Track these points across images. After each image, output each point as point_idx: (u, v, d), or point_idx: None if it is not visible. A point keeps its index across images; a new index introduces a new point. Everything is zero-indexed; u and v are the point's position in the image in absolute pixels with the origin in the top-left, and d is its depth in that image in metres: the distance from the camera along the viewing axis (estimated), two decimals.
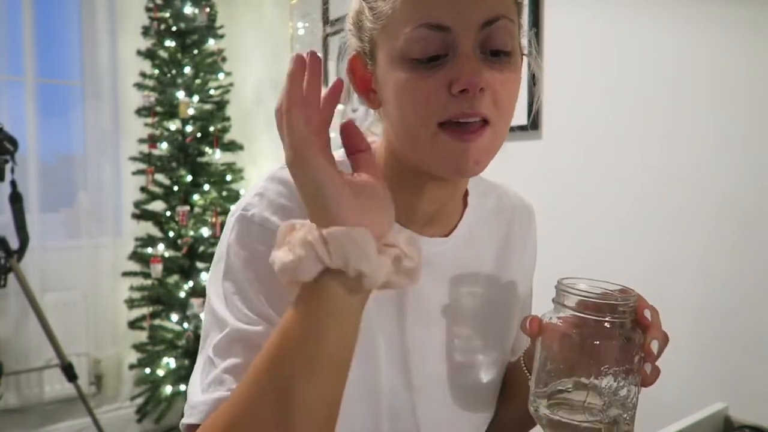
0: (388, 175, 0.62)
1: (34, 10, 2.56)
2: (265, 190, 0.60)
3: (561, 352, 0.50)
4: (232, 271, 0.57)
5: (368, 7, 0.58)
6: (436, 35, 0.52)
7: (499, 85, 0.53)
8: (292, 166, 0.50)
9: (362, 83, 0.62)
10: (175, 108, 2.48)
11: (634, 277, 1.39)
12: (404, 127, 0.57)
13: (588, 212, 1.51)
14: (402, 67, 0.54)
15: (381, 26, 0.56)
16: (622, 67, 1.42)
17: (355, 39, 0.61)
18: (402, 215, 0.63)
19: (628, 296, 0.50)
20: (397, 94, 0.55)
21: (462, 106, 0.52)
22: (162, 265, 2.44)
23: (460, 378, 0.68)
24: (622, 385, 0.49)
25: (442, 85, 0.52)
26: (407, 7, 0.53)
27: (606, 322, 0.49)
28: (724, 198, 1.24)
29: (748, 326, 1.21)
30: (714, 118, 1.26)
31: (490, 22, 0.52)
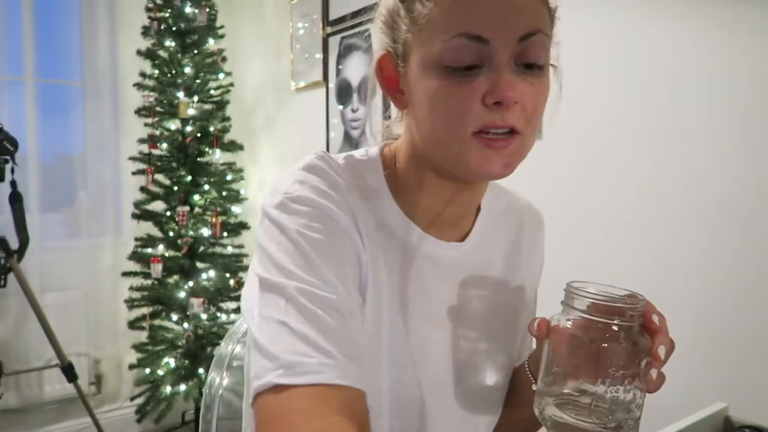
0: (409, 176, 0.64)
1: (34, 10, 2.56)
2: (305, 178, 0.59)
3: (568, 354, 0.50)
4: (283, 246, 0.55)
5: (405, 9, 0.57)
6: (474, 46, 0.52)
7: (530, 97, 0.55)
8: None
9: (390, 83, 0.62)
10: (175, 108, 2.48)
11: (634, 277, 1.39)
12: (435, 132, 0.57)
13: (588, 212, 1.51)
14: (436, 73, 0.54)
15: (417, 30, 0.56)
16: (622, 67, 1.42)
17: (386, 38, 0.61)
18: (420, 217, 0.64)
19: (637, 301, 0.50)
20: (430, 100, 0.55)
21: (494, 117, 0.53)
22: (162, 265, 2.43)
23: (467, 380, 0.68)
24: (628, 389, 0.49)
25: (476, 95, 0.53)
26: (447, 15, 0.54)
27: (614, 326, 0.49)
28: (724, 198, 1.24)
29: (748, 326, 1.21)
30: (714, 118, 1.26)
31: (527, 36, 0.53)
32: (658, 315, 0.52)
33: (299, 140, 2.67)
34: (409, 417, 0.64)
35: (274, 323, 0.50)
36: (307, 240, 0.54)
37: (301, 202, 0.56)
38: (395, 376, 0.62)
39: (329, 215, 0.56)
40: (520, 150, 0.57)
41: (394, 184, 0.64)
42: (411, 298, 0.63)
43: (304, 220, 0.55)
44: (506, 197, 0.76)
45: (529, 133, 0.57)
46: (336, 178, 0.60)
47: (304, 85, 2.56)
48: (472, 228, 0.69)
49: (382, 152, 0.67)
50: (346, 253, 0.57)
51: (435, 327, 0.65)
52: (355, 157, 0.65)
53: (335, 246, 0.56)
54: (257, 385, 0.47)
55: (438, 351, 0.66)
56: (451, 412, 0.67)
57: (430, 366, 0.65)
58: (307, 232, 0.55)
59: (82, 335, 2.67)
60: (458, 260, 0.66)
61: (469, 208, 0.68)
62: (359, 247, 0.59)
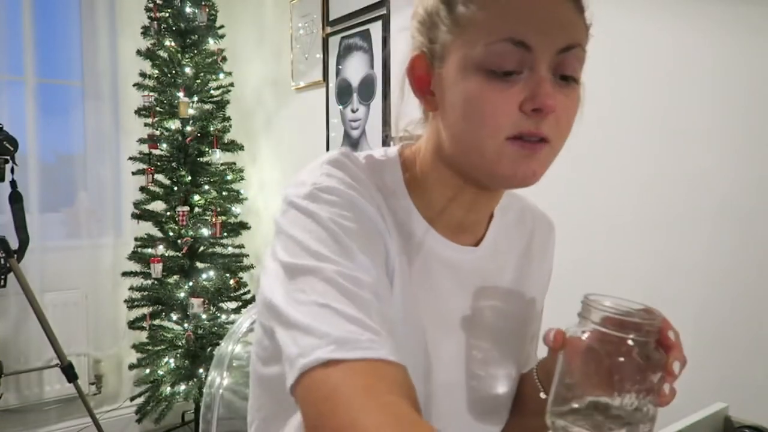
0: (430, 178, 0.64)
1: (34, 10, 2.56)
2: (331, 172, 0.59)
3: (582, 367, 0.50)
4: (313, 229, 0.54)
5: (446, 10, 0.57)
6: (517, 51, 0.53)
7: (564, 109, 0.56)
8: None
9: (421, 84, 0.61)
10: (175, 108, 2.48)
11: (634, 277, 1.39)
12: (468, 135, 0.57)
13: (588, 212, 1.51)
14: (475, 76, 0.54)
15: (459, 32, 0.56)
16: (622, 66, 1.42)
17: (422, 38, 0.60)
18: (437, 220, 0.64)
19: (653, 316, 0.51)
20: (467, 102, 0.55)
21: (529, 124, 0.54)
22: (162, 265, 2.43)
23: (475, 388, 0.67)
24: (642, 403, 0.49)
25: (515, 101, 0.54)
26: (493, 19, 0.54)
27: (630, 340, 0.49)
28: (724, 198, 1.24)
29: (748, 326, 1.21)
30: (714, 118, 1.26)
31: (567, 48, 0.54)
32: (673, 331, 0.52)
33: (299, 140, 2.67)
34: None
35: (315, 306, 0.48)
36: (341, 227, 0.54)
37: (331, 192, 0.56)
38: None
39: (359, 206, 0.57)
40: (548, 159, 0.58)
41: (412, 185, 0.64)
42: (424, 300, 0.63)
43: (336, 209, 0.55)
44: (518, 204, 0.76)
45: (558, 145, 0.58)
46: (360, 174, 0.60)
47: (304, 85, 2.56)
48: (485, 233, 0.69)
49: (402, 153, 0.67)
50: (377, 242, 0.58)
51: (446, 330, 0.65)
52: (375, 157, 0.65)
53: (367, 234, 0.56)
54: (304, 363, 0.44)
55: (448, 356, 0.65)
56: (459, 418, 0.66)
57: (440, 371, 0.65)
58: (340, 220, 0.54)
59: (82, 335, 2.67)
60: (472, 265, 0.67)
61: (485, 215, 0.68)
62: (387, 238, 0.59)
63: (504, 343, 0.70)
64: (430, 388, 0.64)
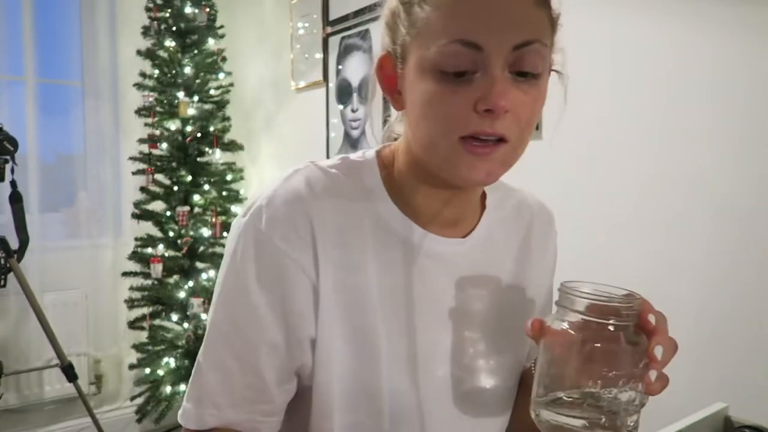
0: (406, 177, 0.64)
1: (34, 10, 2.56)
2: (273, 195, 0.61)
3: (563, 356, 0.50)
4: (229, 278, 0.61)
5: (404, 11, 0.58)
6: (468, 52, 0.52)
7: (523, 106, 0.55)
8: None
9: (389, 83, 0.62)
10: (175, 108, 2.48)
11: (634, 276, 1.39)
12: (426, 135, 0.57)
13: (588, 212, 1.51)
14: (431, 77, 0.54)
15: (415, 33, 0.56)
16: (622, 66, 1.42)
17: (388, 39, 0.61)
18: (420, 217, 0.64)
19: (631, 300, 0.50)
20: (423, 103, 0.56)
21: (483, 124, 0.53)
22: (162, 265, 2.43)
23: (469, 382, 0.67)
24: (624, 390, 0.48)
25: (468, 101, 0.53)
26: (444, 20, 0.54)
27: (609, 326, 0.48)
28: (724, 198, 1.24)
29: (748, 326, 1.21)
30: (714, 118, 1.26)
31: (522, 45, 0.53)
32: (655, 314, 0.51)
33: (299, 140, 2.67)
34: (409, 418, 0.63)
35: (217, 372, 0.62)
36: (247, 291, 0.59)
37: (257, 236, 0.59)
38: (394, 376, 0.62)
39: (277, 255, 0.59)
40: (507, 159, 0.57)
41: (391, 184, 0.64)
42: (417, 297, 0.63)
43: (254, 257, 0.59)
44: (515, 197, 0.76)
45: (519, 143, 0.57)
46: (306, 194, 0.60)
47: (304, 85, 2.56)
48: (476, 226, 0.69)
49: (380, 154, 0.67)
50: (290, 286, 0.59)
51: (441, 326, 0.65)
52: (351, 159, 0.66)
53: (277, 281, 0.59)
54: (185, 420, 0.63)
55: (442, 351, 0.65)
56: (454, 413, 0.66)
57: (433, 366, 0.64)
58: (252, 281, 0.59)
59: (82, 335, 2.67)
60: (463, 257, 0.66)
61: (467, 210, 0.68)
62: (309, 272, 0.60)
63: (501, 335, 0.69)
64: (422, 385, 0.64)
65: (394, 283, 0.62)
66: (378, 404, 0.62)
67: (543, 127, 1.59)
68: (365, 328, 0.61)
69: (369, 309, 0.61)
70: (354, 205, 0.62)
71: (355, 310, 0.61)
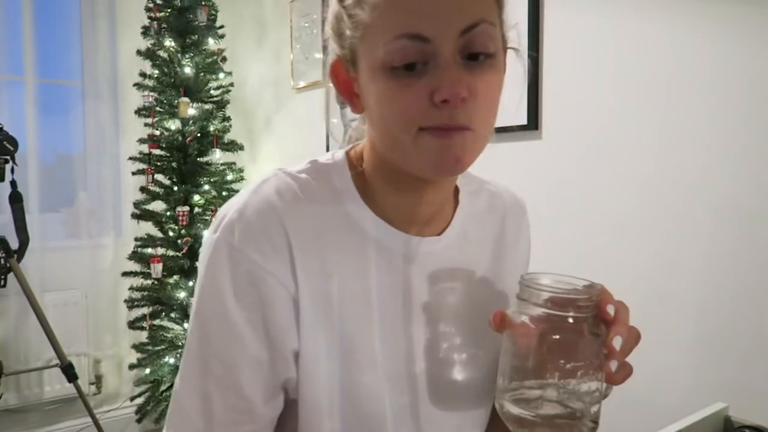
0: (374, 177, 0.63)
1: (34, 10, 2.56)
2: (244, 206, 0.58)
3: (524, 348, 0.50)
4: (205, 292, 0.58)
5: (347, 15, 0.57)
6: (415, 45, 0.51)
7: (481, 90, 0.53)
8: None
9: (345, 87, 0.61)
10: (175, 108, 2.48)
11: (634, 276, 1.39)
12: (387, 133, 0.56)
13: (588, 212, 1.51)
14: (383, 76, 0.53)
15: (360, 35, 0.55)
16: (621, 66, 1.42)
17: (335, 44, 0.61)
18: (392, 216, 0.63)
19: (590, 291, 0.50)
20: (379, 102, 0.55)
21: (442, 117, 0.52)
22: (162, 265, 2.43)
23: (452, 378, 0.67)
24: (586, 381, 0.48)
25: (423, 93, 0.52)
26: (386, 18, 0.53)
27: (568, 318, 0.49)
28: (724, 198, 1.24)
29: (748, 326, 1.21)
30: (714, 118, 1.26)
31: (469, 28, 0.52)
32: (615, 304, 0.51)
33: (299, 140, 2.67)
34: (405, 421, 0.63)
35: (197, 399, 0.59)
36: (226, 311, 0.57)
37: (232, 257, 0.57)
38: (386, 380, 0.62)
39: (255, 270, 0.57)
40: (474, 146, 0.55)
41: (361, 185, 0.63)
42: (393, 299, 0.62)
43: (227, 281, 0.57)
44: (486, 190, 0.74)
45: (483, 129, 0.55)
46: (278, 203, 0.58)
47: (304, 85, 2.56)
48: (450, 223, 0.68)
49: (349, 154, 0.66)
50: (268, 299, 0.58)
51: (425, 326, 0.65)
52: (320, 162, 0.65)
53: (255, 293, 0.57)
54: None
55: (425, 350, 0.65)
56: (448, 410, 0.66)
57: (422, 367, 0.64)
58: (229, 299, 0.57)
59: (82, 335, 2.67)
60: (438, 255, 0.66)
61: (439, 206, 0.66)
62: (287, 284, 0.58)
63: (480, 331, 0.68)
64: (416, 388, 0.64)
65: (369, 287, 0.61)
66: (366, 409, 0.61)
67: (542, 127, 1.59)
68: (346, 334, 0.60)
69: (348, 315, 0.60)
70: (326, 209, 0.61)
71: (334, 317, 0.60)
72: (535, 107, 1.59)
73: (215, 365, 0.57)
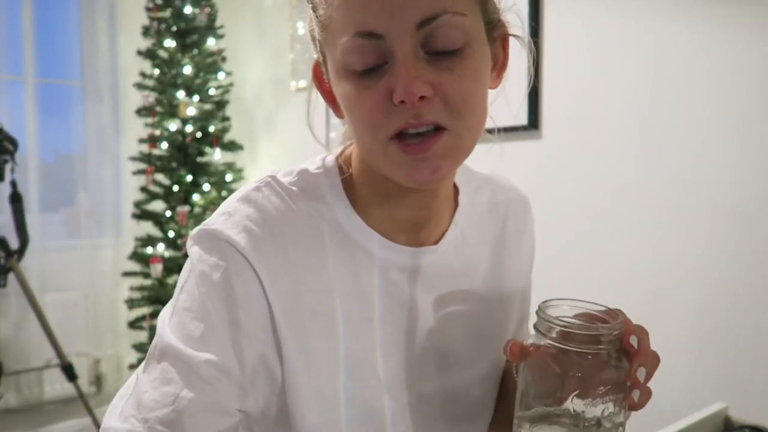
0: (363, 184, 0.60)
1: (34, 10, 2.56)
2: (234, 211, 0.55)
3: (543, 380, 0.48)
4: (187, 285, 0.54)
5: (314, 15, 0.54)
6: (370, 44, 0.48)
7: (449, 86, 0.49)
8: None
9: (326, 92, 0.59)
10: (175, 108, 2.48)
11: (633, 276, 1.39)
12: (360, 139, 0.54)
13: (588, 212, 1.51)
14: (345, 78, 0.51)
15: (323, 37, 0.53)
16: (621, 67, 1.42)
17: (313, 49, 0.58)
18: (384, 225, 0.60)
19: (612, 324, 0.47)
20: (345, 107, 0.53)
21: (406, 116, 0.48)
22: (162, 265, 2.44)
23: (457, 392, 0.65)
24: (608, 414, 0.47)
25: (383, 96, 0.48)
26: (340, 16, 0.49)
27: (589, 354, 0.46)
28: (724, 198, 1.24)
29: (748, 326, 1.21)
30: (714, 118, 1.26)
31: (428, 20, 0.47)
32: (636, 333, 0.49)
33: (299, 140, 2.67)
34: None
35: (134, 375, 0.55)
36: (203, 289, 0.53)
37: (211, 244, 0.54)
38: (386, 395, 0.60)
39: (233, 279, 0.53)
40: (453, 149, 0.51)
41: (352, 193, 0.60)
42: (385, 312, 0.60)
43: (206, 268, 0.53)
44: (488, 188, 0.71)
45: (462, 128, 0.50)
46: (270, 213, 0.55)
47: (304, 85, 2.56)
48: (448, 228, 0.64)
49: (338, 159, 0.63)
50: (247, 315, 0.54)
51: (424, 341, 0.62)
52: (310, 172, 0.61)
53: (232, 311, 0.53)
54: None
55: (428, 365, 0.63)
56: (444, 424, 0.64)
57: (421, 382, 0.62)
58: (206, 283, 0.53)
59: (82, 335, 2.67)
60: (435, 265, 0.62)
61: (433, 211, 0.62)
62: (264, 302, 0.54)
63: (483, 339, 0.67)
64: (410, 398, 0.61)
65: (367, 301, 0.59)
66: (376, 424, 0.60)
67: (543, 127, 1.59)
68: (347, 350, 0.58)
69: (348, 331, 0.58)
70: (317, 224, 0.58)
71: (336, 335, 0.57)
72: (535, 107, 1.59)
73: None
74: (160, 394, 0.49)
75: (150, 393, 0.49)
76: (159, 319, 0.55)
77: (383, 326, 0.60)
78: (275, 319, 0.54)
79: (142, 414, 0.48)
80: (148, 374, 0.51)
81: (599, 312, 0.49)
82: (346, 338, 0.58)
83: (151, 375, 0.51)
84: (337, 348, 0.57)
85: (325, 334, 0.57)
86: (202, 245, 0.54)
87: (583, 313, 0.49)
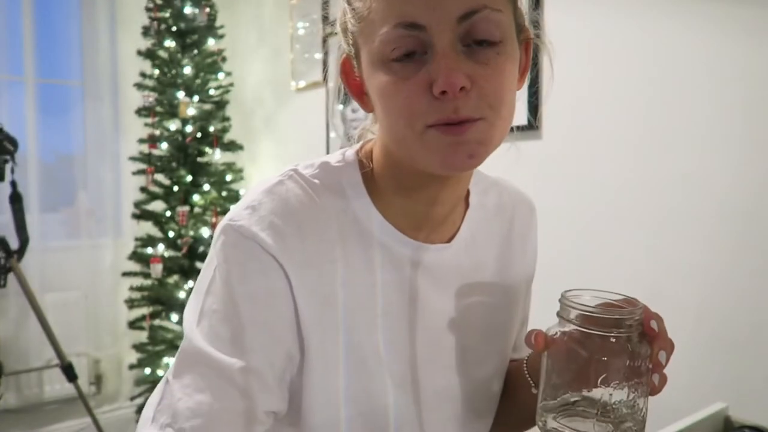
0: (385, 178, 0.61)
1: (34, 10, 2.56)
2: (258, 204, 0.56)
3: (567, 367, 0.50)
4: (214, 286, 0.55)
5: (349, 9, 0.56)
6: (411, 34, 0.49)
7: (485, 79, 0.50)
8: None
9: (355, 86, 0.60)
10: (175, 108, 2.48)
11: (633, 276, 1.39)
12: (393, 129, 0.54)
13: (588, 212, 1.51)
14: (382, 69, 0.52)
15: (360, 28, 0.54)
16: (621, 67, 1.42)
17: (344, 42, 0.59)
18: (403, 221, 0.61)
19: (634, 309, 0.49)
20: (381, 98, 0.53)
21: (446, 110, 0.50)
22: (162, 265, 2.43)
23: (467, 389, 0.66)
24: (631, 397, 0.48)
25: (423, 86, 0.50)
26: (381, 7, 0.51)
27: (612, 338, 0.48)
28: (724, 198, 1.24)
29: (748, 326, 1.21)
30: (714, 118, 1.26)
31: (468, 14, 0.49)
32: (656, 319, 0.51)
33: (299, 140, 2.67)
34: (411, 430, 0.62)
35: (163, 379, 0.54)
36: (229, 290, 0.54)
37: (236, 241, 0.54)
38: (397, 392, 0.60)
39: (258, 270, 0.54)
40: (487, 137, 0.52)
41: (372, 187, 0.61)
42: (399, 307, 0.61)
43: (231, 267, 0.54)
44: (495, 190, 0.72)
45: (497, 118, 0.52)
46: (294, 206, 0.56)
47: (304, 85, 2.56)
48: (459, 227, 0.66)
49: (359, 153, 0.64)
50: (272, 310, 0.55)
51: (436, 338, 0.63)
52: (331, 165, 0.62)
53: (261, 306, 0.54)
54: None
55: (439, 362, 0.64)
56: (453, 420, 0.65)
57: (432, 379, 0.63)
58: (232, 283, 0.54)
59: (82, 335, 2.67)
60: (448, 263, 0.64)
61: (452, 206, 0.64)
62: (290, 293, 0.55)
63: (491, 336, 0.68)
64: (423, 398, 0.62)
65: (376, 293, 0.60)
66: (384, 420, 0.60)
67: (543, 127, 1.59)
68: (352, 339, 0.59)
69: (354, 321, 0.59)
70: (337, 217, 0.59)
71: (340, 323, 0.58)
72: (535, 107, 1.59)
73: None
74: (195, 402, 0.50)
75: (184, 401, 0.50)
76: (185, 320, 0.55)
77: (397, 321, 0.61)
78: (300, 316, 0.56)
79: (178, 423, 0.49)
80: (179, 380, 0.52)
81: (618, 301, 0.51)
82: (358, 333, 0.59)
83: (183, 381, 0.51)
84: (350, 343, 0.58)
85: (340, 328, 0.58)
86: (229, 242, 0.55)
87: (603, 303, 0.51)
